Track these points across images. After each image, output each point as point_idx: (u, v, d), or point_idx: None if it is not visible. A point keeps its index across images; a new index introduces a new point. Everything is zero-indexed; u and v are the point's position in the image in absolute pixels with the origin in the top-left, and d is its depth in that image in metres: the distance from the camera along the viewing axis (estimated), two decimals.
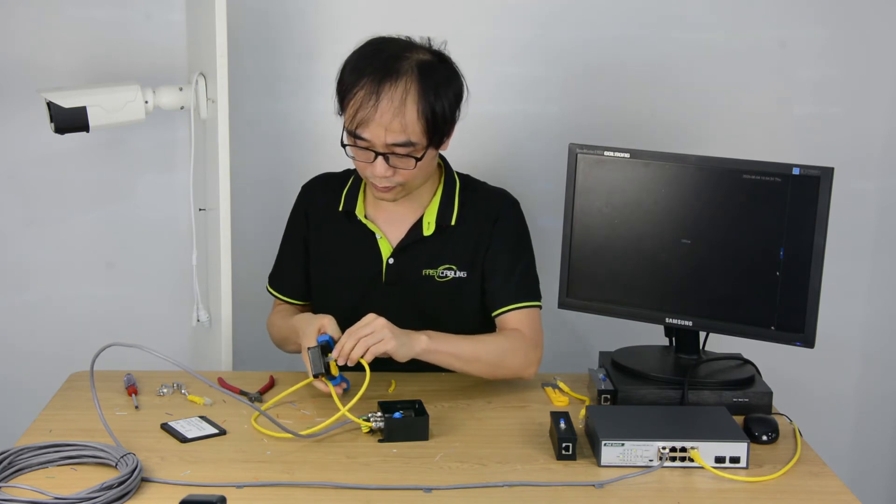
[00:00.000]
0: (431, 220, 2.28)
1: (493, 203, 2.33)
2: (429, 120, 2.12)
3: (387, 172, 2.15)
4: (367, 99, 2.10)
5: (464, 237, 2.30)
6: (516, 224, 2.34)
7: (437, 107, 2.12)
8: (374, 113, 2.09)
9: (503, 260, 2.30)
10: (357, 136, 2.13)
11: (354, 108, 2.11)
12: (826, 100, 2.93)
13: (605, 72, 2.89)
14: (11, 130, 2.86)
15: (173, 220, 2.88)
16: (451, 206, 2.30)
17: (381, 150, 2.12)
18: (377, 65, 2.11)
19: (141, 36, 2.82)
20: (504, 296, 2.28)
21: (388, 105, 2.09)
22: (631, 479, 1.85)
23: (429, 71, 2.13)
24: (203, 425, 2.03)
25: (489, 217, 2.30)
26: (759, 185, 2.13)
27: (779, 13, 2.89)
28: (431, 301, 2.29)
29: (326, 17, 2.82)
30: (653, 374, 2.19)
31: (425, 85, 2.11)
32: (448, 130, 2.19)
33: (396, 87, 2.10)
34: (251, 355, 2.73)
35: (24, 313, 2.96)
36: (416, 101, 2.10)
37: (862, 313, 3.06)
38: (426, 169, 2.21)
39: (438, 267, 2.29)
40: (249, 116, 2.85)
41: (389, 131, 2.10)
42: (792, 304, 2.12)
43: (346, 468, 1.87)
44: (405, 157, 2.14)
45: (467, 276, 2.30)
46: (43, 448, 1.85)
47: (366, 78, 2.11)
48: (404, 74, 2.11)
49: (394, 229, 2.31)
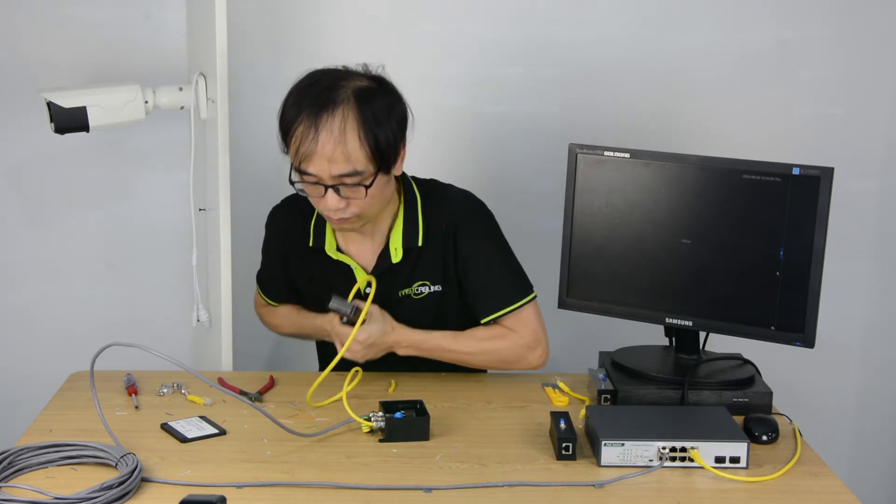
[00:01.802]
0: (398, 245, 2.25)
1: (452, 211, 2.28)
2: (371, 146, 2.08)
3: (339, 204, 2.11)
4: (306, 133, 2.07)
5: (432, 252, 2.27)
6: (480, 226, 2.30)
7: (379, 132, 2.09)
8: (315, 146, 2.06)
9: (476, 267, 2.27)
10: (303, 172, 2.10)
11: (296, 144, 2.09)
12: (826, 100, 2.93)
13: (605, 72, 2.90)
14: (12, 130, 2.86)
15: (173, 220, 2.88)
16: (415, 226, 2.26)
17: (329, 182, 2.09)
18: (313, 97, 2.09)
19: (141, 36, 2.82)
20: (488, 303, 2.27)
21: (327, 136, 2.06)
22: (631, 479, 1.85)
23: (366, 97, 2.10)
24: (203, 425, 2.03)
25: (450, 228, 2.26)
26: (759, 185, 2.13)
27: (779, 13, 2.89)
28: (413, 318, 2.27)
29: (326, 17, 2.82)
30: (653, 374, 2.19)
31: (363, 112, 2.08)
32: (394, 155, 2.14)
33: (334, 118, 2.06)
34: (251, 355, 2.73)
35: (24, 313, 2.97)
36: (355, 129, 2.07)
37: (862, 313, 3.06)
38: (380, 196, 2.16)
39: (413, 285, 2.28)
40: (249, 116, 2.85)
41: (333, 163, 2.07)
42: (792, 305, 2.12)
43: (346, 468, 1.87)
44: (354, 187, 2.10)
45: (443, 288, 2.29)
46: (43, 448, 1.85)
47: (304, 112, 2.08)
48: (341, 104, 2.07)
49: (365, 257, 2.29)
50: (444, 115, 2.79)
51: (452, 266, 2.28)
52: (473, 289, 2.28)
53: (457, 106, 2.87)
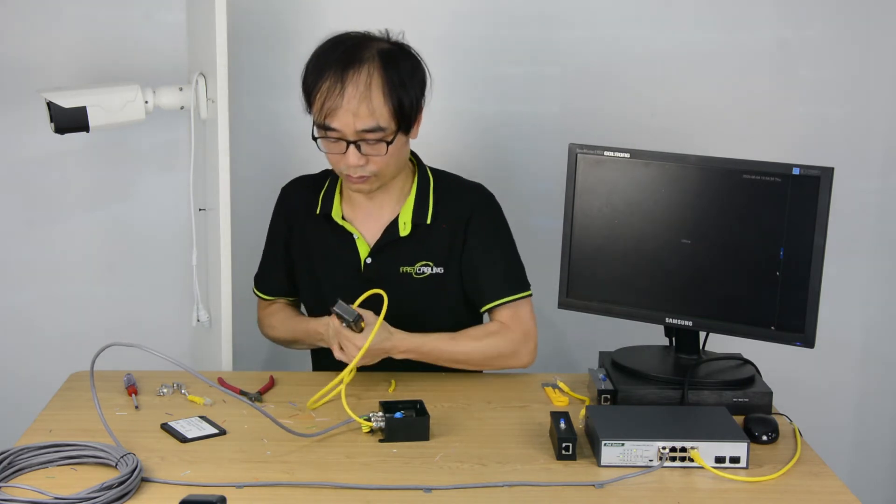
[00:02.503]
0: (407, 219, 2.30)
1: (467, 199, 2.35)
2: (395, 104, 2.15)
3: (360, 161, 2.17)
4: (332, 89, 2.13)
5: (439, 234, 2.31)
6: (491, 218, 2.36)
7: (402, 92, 2.16)
8: (340, 101, 2.12)
9: (483, 255, 2.32)
10: (327, 128, 2.16)
11: (321, 99, 2.14)
12: (826, 100, 2.93)
13: (605, 72, 2.89)
14: (11, 130, 2.86)
15: (173, 220, 2.88)
16: (426, 204, 2.31)
17: (352, 137, 2.15)
18: (339, 54, 2.15)
19: (141, 36, 2.82)
20: (489, 292, 2.31)
21: (353, 91, 2.12)
22: (631, 479, 1.85)
23: (390, 57, 2.17)
24: (203, 425, 2.03)
25: (463, 214, 2.32)
26: (759, 185, 2.13)
27: (779, 13, 2.89)
28: (410, 298, 2.30)
29: (326, 16, 2.81)
30: (653, 374, 2.19)
31: (388, 70, 2.15)
32: (415, 115, 2.21)
33: (360, 74, 2.13)
34: (251, 355, 2.73)
35: (24, 313, 2.96)
36: (380, 86, 2.13)
37: (862, 313, 3.06)
38: (398, 156, 2.23)
39: (415, 264, 2.31)
40: (249, 116, 2.85)
41: (358, 117, 2.13)
42: (792, 304, 2.12)
43: (346, 468, 1.87)
44: (376, 144, 2.16)
45: (444, 271, 2.32)
46: (43, 448, 1.85)
47: (330, 69, 2.14)
48: (367, 62, 2.14)
49: (370, 229, 2.32)
50: (443, 114, 2.79)
51: (459, 251, 2.31)
52: (478, 275, 2.32)
53: (457, 106, 2.87)
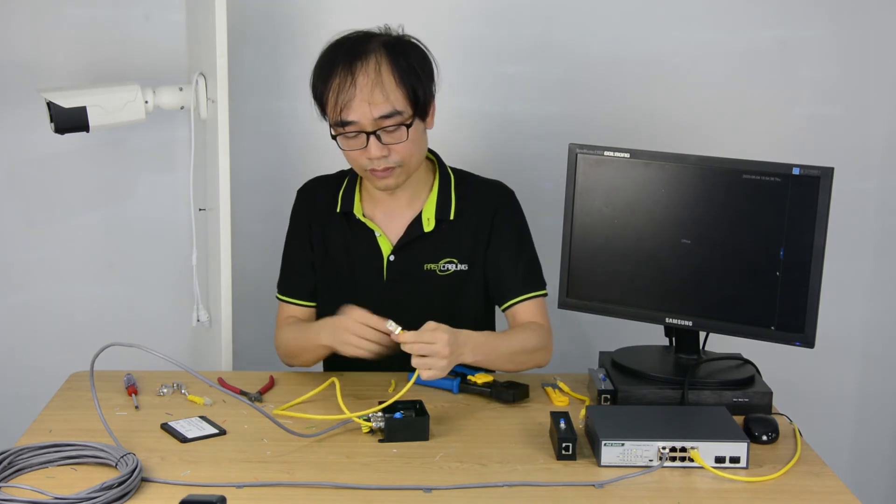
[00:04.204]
0: (431, 215, 2.30)
1: (490, 196, 2.36)
2: (408, 87, 2.16)
3: (382, 151, 2.17)
4: (343, 82, 2.14)
5: (463, 231, 2.32)
6: (515, 215, 2.38)
7: (413, 75, 2.17)
8: (354, 91, 2.13)
9: (506, 252, 2.33)
10: (345, 123, 2.16)
11: (334, 95, 2.15)
12: (826, 100, 2.93)
13: (605, 71, 2.90)
14: (11, 130, 2.86)
15: (173, 220, 2.88)
16: (449, 200, 2.32)
17: (371, 128, 2.15)
18: (344, 51, 2.17)
19: (141, 36, 2.82)
20: (512, 287, 2.33)
21: (365, 80, 2.14)
22: (631, 479, 1.85)
23: (395, 46, 2.19)
24: (203, 425, 2.02)
25: (488, 210, 2.33)
26: (759, 185, 2.13)
27: (779, 13, 2.89)
28: (433, 295, 2.31)
29: (326, 17, 2.82)
30: (653, 374, 2.19)
31: (396, 57, 2.17)
32: (429, 100, 2.23)
33: (368, 63, 2.15)
34: (251, 355, 2.73)
35: (24, 313, 2.96)
36: (390, 71, 2.15)
37: (862, 313, 3.06)
38: (419, 144, 2.23)
39: (440, 261, 2.31)
40: (249, 116, 2.85)
41: (373, 104, 2.14)
42: (792, 304, 2.12)
43: (346, 468, 1.87)
44: (395, 131, 2.16)
45: (468, 269, 2.33)
46: (43, 448, 1.85)
47: (337, 66, 2.16)
48: (373, 52, 2.16)
49: (392, 226, 2.32)
50: (443, 114, 2.78)
51: (483, 247, 2.33)
52: (503, 272, 2.33)
53: (457, 106, 2.87)
